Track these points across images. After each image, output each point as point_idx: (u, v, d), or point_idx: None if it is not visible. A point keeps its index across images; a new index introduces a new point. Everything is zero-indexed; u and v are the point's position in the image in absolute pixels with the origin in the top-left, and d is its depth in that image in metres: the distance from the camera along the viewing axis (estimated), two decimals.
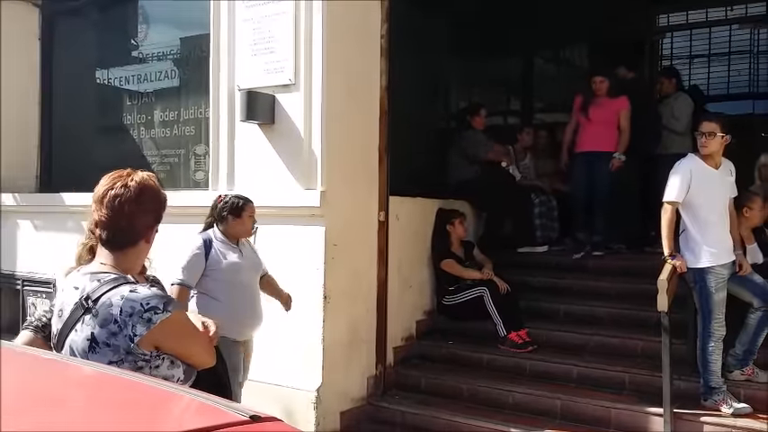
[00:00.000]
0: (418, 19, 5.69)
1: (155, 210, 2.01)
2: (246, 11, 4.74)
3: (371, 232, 4.87)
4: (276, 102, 4.61)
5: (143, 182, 1.99)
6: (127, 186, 1.96)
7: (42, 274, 6.04)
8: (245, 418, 1.06)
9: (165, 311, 1.86)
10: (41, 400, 1.30)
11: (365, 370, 4.89)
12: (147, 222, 1.99)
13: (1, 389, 1.34)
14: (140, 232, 1.99)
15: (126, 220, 1.95)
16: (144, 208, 1.97)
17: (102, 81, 6.58)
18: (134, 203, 1.95)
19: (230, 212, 3.89)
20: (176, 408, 1.24)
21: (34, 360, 1.67)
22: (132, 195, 1.95)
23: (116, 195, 1.94)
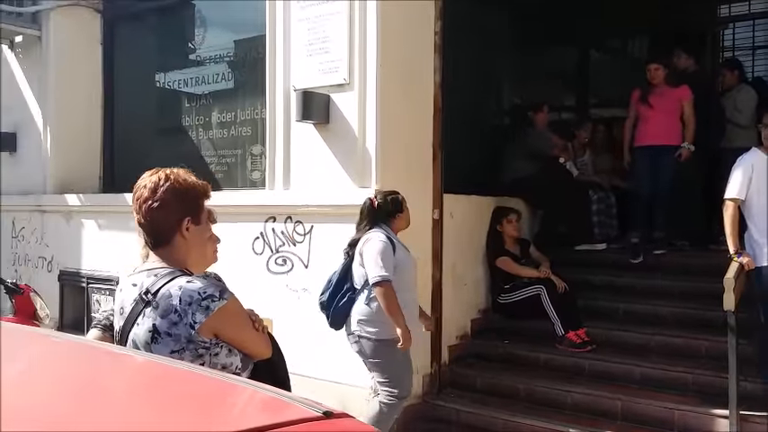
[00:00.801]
0: (472, 14, 5.63)
1: (178, 205, 2.02)
2: (301, 11, 4.79)
3: (426, 230, 4.85)
4: (331, 101, 4.64)
5: (160, 180, 2.02)
6: (146, 187, 2.01)
7: (106, 271, 6.24)
8: (318, 414, 1.06)
9: (222, 299, 1.92)
10: (123, 394, 1.33)
11: (420, 368, 4.87)
12: (171, 218, 2.02)
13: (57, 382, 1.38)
14: (169, 229, 2.02)
15: (151, 220, 2.01)
16: (164, 205, 2.00)
17: (161, 84, 6.75)
18: (153, 203, 1.99)
19: (396, 208, 3.95)
20: (248, 402, 1.26)
21: (107, 355, 1.72)
22: (149, 195, 2.00)
23: (138, 197, 2.02)
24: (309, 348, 4.56)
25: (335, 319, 3.94)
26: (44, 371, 1.52)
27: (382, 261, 3.68)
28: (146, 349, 1.92)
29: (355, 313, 3.85)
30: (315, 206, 4.75)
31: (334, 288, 3.92)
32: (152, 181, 2.02)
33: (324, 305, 3.95)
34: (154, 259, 2.05)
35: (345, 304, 3.87)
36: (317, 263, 4.77)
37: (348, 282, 3.90)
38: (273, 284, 4.89)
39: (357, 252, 3.85)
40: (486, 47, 5.95)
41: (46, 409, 1.17)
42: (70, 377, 1.47)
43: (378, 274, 3.66)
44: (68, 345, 1.88)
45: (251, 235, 5.05)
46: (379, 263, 3.67)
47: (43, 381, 1.42)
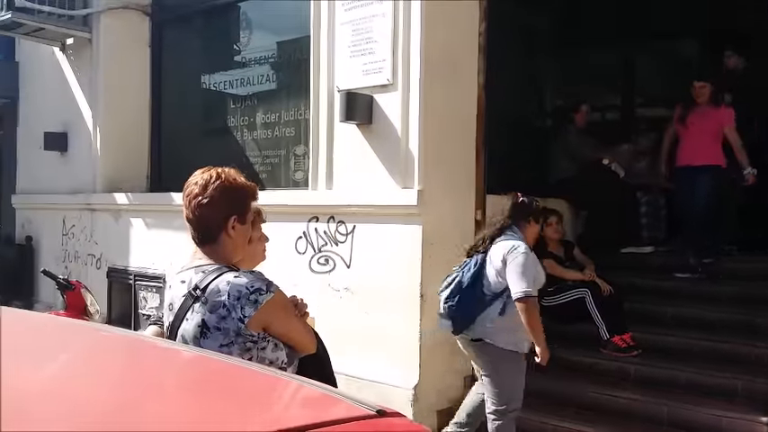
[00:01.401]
0: (517, 15, 5.60)
1: (226, 203, 2.07)
2: (345, 13, 4.82)
3: (468, 231, 4.82)
4: (374, 102, 4.66)
5: (211, 178, 2.07)
6: (197, 184, 2.07)
7: (152, 269, 6.38)
8: (372, 412, 1.07)
9: (269, 292, 1.97)
10: (177, 389, 1.35)
11: (462, 370, 4.85)
12: (218, 216, 2.06)
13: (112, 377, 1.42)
14: (215, 226, 2.07)
15: (200, 217, 2.06)
16: (212, 202, 2.04)
17: (207, 85, 6.87)
18: (202, 199, 2.05)
19: (534, 216, 3.95)
20: (302, 398, 1.27)
21: (166, 352, 1.76)
22: (199, 192, 2.05)
23: (188, 194, 2.07)
24: (351, 347, 4.58)
25: (463, 323, 3.81)
26: (97, 363, 1.56)
27: (527, 275, 3.62)
28: (194, 344, 1.97)
29: (485, 320, 3.75)
30: (357, 206, 4.77)
31: (464, 293, 3.79)
32: (203, 178, 2.07)
33: (451, 309, 3.82)
34: (200, 256, 2.09)
35: (474, 308, 3.77)
36: (359, 263, 4.80)
37: (478, 285, 3.78)
38: (316, 284, 4.94)
39: (497, 258, 3.74)
40: (530, 47, 5.92)
41: (97, 401, 1.20)
42: (120, 370, 1.51)
43: (522, 289, 3.59)
44: (119, 338, 1.93)
45: (294, 234, 5.10)
46: (525, 277, 3.61)
47: (94, 373, 1.46)
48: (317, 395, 1.24)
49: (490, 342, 3.76)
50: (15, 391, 1.17)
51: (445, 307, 3.86)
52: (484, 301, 3.76)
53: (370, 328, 4.67)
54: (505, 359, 3.76)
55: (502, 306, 3.72)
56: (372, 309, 4.71)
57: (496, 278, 3.75)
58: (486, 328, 3.76)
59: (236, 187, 2.10)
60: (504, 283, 3.71)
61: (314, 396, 1.24)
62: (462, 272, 3.87)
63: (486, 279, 3.78)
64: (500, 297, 3.73)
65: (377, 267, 4.69)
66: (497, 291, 3.75)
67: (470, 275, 3.81)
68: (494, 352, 3.76)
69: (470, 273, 3.82)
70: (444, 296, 3.88)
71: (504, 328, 3.73)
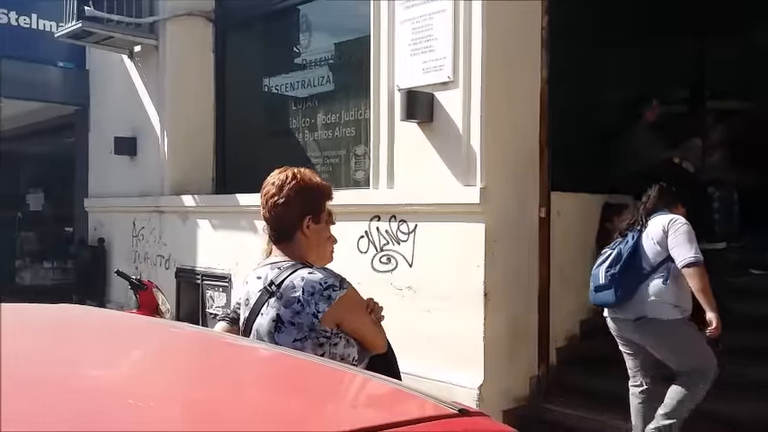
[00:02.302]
0: (581, 6, 5.46)
1: (301, 203, 2.11)
2: (405, 11, 4.81)
3: (532, 229, 4.76)
4: (435, 100, 4.64)
5: (287, 178, 2.11)
6: (273, 184, 2.12)
7: (219, 269, 6.53)
8: (455, 411, 1.06)
9: (342, 288, 2.01)
10: (265, 388, 1.38)
11: (527, 369, 4.80)
12: (293, 215, 2.11)
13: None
14: (291, 225, 2.11)
15: (276, 216, 2.11)
16: (288, 202, 2.09)
17: (269, 88, 6.98)
18: (278, 199, 2.09)
19: (683, 200, 4.04)
20: (384, 396, 1.28)
21: (247, 350, 1.79)
22: (276, 191, 2.10)
23: (265, 194, 2.13)
24: (414, 347, 4.56)
25: (624, 293, 3.86)
26: (184, 361, 1.60)
27: (693, 242, 3.72)
28: (269, 338, 2.02)
29: (646, 293, 3.80)
30: (419, 205, 4.76)
31: (625, 262, 3.85)
32: (279, 178, 2.12)
33: (614, 277, 3.87)
34: (276, 253, 2.15)
35: (634, 279, 3.84)
36: (421, 261, 4.79)
37: (637, 259, 3.85)
38: (378, 283, 4.94)
39: (657, 230, 3.82)
40: (595, 40, 5.76)
41: (179, 396, 1.23)
42: (204, 368, 1.54)
43: (692, 254, 3.67)
44: (196, 336, 1.98)
45: (356, 234, 5.12)
46: (691, 244, 3.71)
47: (179, 370, 1.49)
48: (398, 393, 1.24)
49: (654, 317, 3.77)
50: (103, 388, 1.21)
51: (607, 276, 3.90)
52: (642, 274, 3.81)
53: (433, 327, 4.65)
54: (677, 326, 3.79)
55: (664, 275, 3.76)
56: (435, 308, 4.69)
57: (656, 249, 3.80)
58: (648, 303, 3.78)
59: (311, 187, 2.14)
60: (664, 254, 3.77)
61: (395, 394, 1.24)
62: (619, 247, 3.94)
63: (644, 253, 3.85)
64: (660, 268, 3.78)
65: (439, 266, 4.66)
66: (657, 262, 3.79)
67: (629, 248, 3.88)
68: (662, 325, 3.78)
69: (629, 246, 3.89)
70: (604, 268, 3.94)
71: (666, 299, 3.76)
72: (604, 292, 3.92)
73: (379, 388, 1.34)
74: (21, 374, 1.23)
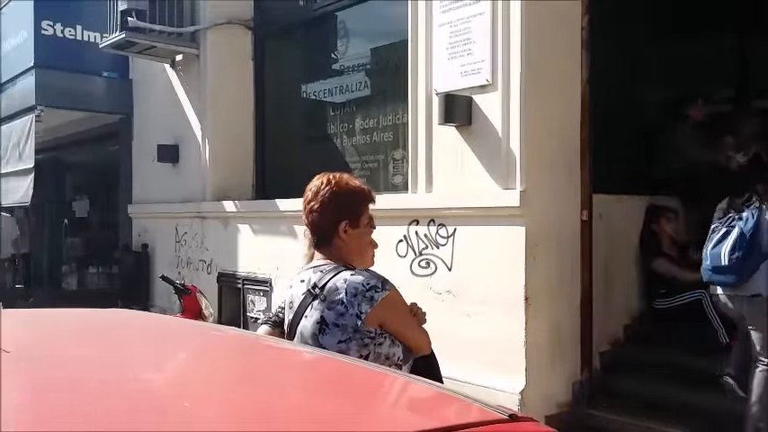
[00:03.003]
0: (621, 5, 5.37)
1: (335, 209, 2.11)
2: (443, 15, 4.80)
3: (574, 232, 4.70)
4: (473, 103, 4.62)
5: (322, 184, 2.13)
6: (311, 190, 2.14)
7: (260, 273, 6.60)
8: (504, 416, 1.05)
9: (384, 290, 2.02)
10: (317, 393, 1.38)
11: (570, 374, 4.73)
12: (329, 220, 2.12)
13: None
14: (328, 230, 2.13)
15: (313, 221, 2.14)
16: (322, 208, 2.10)
17: (307, 94, 7.04)
18: (314, 205, 2.11)
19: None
20: (433, 401, 1.28)
21: (293, 353, 1.81)
22: (312, 197, 2.12)
23: (304, 199, 2.15)
24: (454, 351, 4.53)
25: (747, 275, 3.85)
26: (239, 364, 1.63)
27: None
28: (313, 340, 2.03)
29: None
30: (458, 208, 4.75)
31: (750, 243, 3.83)
32: (316, 184, 2.15)
33: (738, 260, 3.86)
34: (319, 257, 2.17)
35: (758, 259, 3.82)
36: (460, 265, 4.76)
37: (759, 237, 3.83)
38: (417, 287, 4.93)
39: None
40: (637, 38, 5.65)
41: (233, 399, 1.24)
42: (250, 369, 1.56)
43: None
44: (245, 339, 2.00)
45: (394, 238, 5.12)
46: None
47: (233, 373, 1.51)
48: (447, 397, 1.24)
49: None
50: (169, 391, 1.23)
51: (732, 259, 3.87)
52: (763, 253, 3.79)
53: (473, 332, 4.62)
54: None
55: None
56: (475, 312, 4.66)
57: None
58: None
59: (347, 192, 2.15)
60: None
61: (444, 398, 1.24)
62: (739, 226, 3.89)
63: (765, 231, 3.80)
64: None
65: (479, 270, 4.64)
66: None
67: (751, 228, 3.83)
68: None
69: (750, 225, 3.84)
70: (727, 249, 3.89)
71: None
72: (726, 275, 3.91)
73: (427, 392, 1.34)
74: (81, 378, 1.26)
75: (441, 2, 4.82)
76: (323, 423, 1.08)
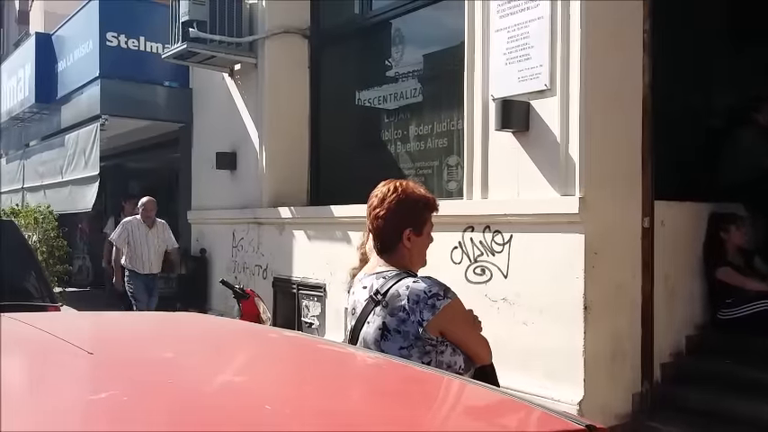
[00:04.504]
0: (685, 7, 5.24)
1: (401, 216, 2.12)
2: (500, 20, 4.78)
3: (635, 239, 4.59)
4: (531, 108, 4.57)
5: (389, 191, 2.14)
6: (376, 197, 2.15)
7: (314, 278, 6.66)
8: (582, 426, 1.04)
9: (446, 298, 2.03)
10: (387, 397, 1.38)
11: (630, 386, 4.62)
12: (396, 227, 2.12)
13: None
14: (392, 237, 2.13)
15: (378, 227, 2.14)
16: (388, 215, 2.11)
17: (361, 101, 7.10)
18: (380, 211, 2.12)
19: None
20: (510, 410, 1.26)
21: (359, 358, 1.82)
22: (377, 204, 2.13)
23: (370, 205, 2.16)
24: (510, 360, 4.49)
25: None
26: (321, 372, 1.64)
27: None
28: (375, 346, 2.04)
29: None
30: (514, 215, 4.70)
31: None
32: (382, 191, 2.16)
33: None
34: (381, 263, 2.17)
35: None
36: (516, 273, 4.71)
37: None
38: (472, 294, 4.88)
39: None
40: (701, 42, 5.51)
41: (310, 403, 1.25)
42: (321, 373, 1.57)
43: None
44: (313, 344, 2.02)
45: (449, 244, 5.10)
46: None
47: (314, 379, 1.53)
48: (524, 408, 1.22)
49: None
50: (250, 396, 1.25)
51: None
52: None
53: (530, 340, 4.56)
54: None
55: None
56: (532, 320, 4.60)
57: None
58: None
59: (413, 200, 2.16)
60: None
61: (520, 408, 1.23)
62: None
63: None
64: None
65: (536, 278, 4.58)
66: None
67: None
68: None
69: None
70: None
71: None
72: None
73: (490, 396, 1.33)
74: (161, 380, 1.30)
75: (499, 6, 4.80)
76: (402, 426, 1.08)
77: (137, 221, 7.52)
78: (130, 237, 7.41)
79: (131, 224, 7.51)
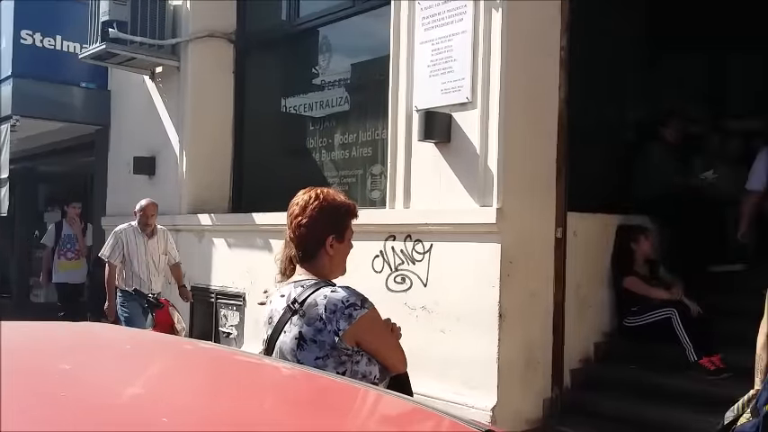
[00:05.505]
0: (600, 26, 5.47)
1: (324, 223, 2.13)
2: (425, 33, 4.88)
3: (548, 249, 4.76)
4: (453, 120, 4.68)
5: (310, 198, 2.14)
6: (297, 204, 2.14)
7: (233, 287, 6.55)
8: (481, 431, 1.06)
9: (363, 308, 2.02)
10: (294, 406, 1.38)
11: (541, 392, 4.76)
12: (318, 234, 2.13)
13: None
14: (315, 245, 2.13)
15: (300, 235, 2.13)
16: (311, 222, 2.11)
17: (287, 108, 7.07)
18: (302, 219, 2.12)
19: None
20: (412, 417, 1.28)
21: (268, 367, 1.80)
22: (299, 212, 2.12)
23: (290, 213, 2.15)
24: (427, 367, 4.56)
25: None
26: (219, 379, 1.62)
27: None
28: (291, 356, 2.03)
29: None
30: (434, 225, 4.79)
31: None
32: (303, 199, 2.16)
33: None
34: (301, 272, 2.17)
35: None
36: (436, 281, 4.79)
37: None
38: (392, 303, 4.93)
39: None
40: (618, 54, 5.75)
41: (209, 414, 1.24)
42: (224, 384, 1.56)
43: None
44: (219, 353, 1.99)
45: (371, 253, 5.14)
46: None
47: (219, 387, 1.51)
48: (425, 413, 1.25)
49: None
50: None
51: None
52: None
53: (447, 348, 4.65)
54: None
55: None
56: (449, 328, 4.69)
57: None
58: None
59: (334, 206, 2.16)
60: None
61: (422, 413, 1.25)
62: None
63: None
64: None
65: (454, 286, 4.67)
66: None
67: None
68: None
69: None
70: None
71: None
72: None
73: (400, 406, 1.35)
74: (53, 392, 1.24)
75: (424, 19, 4.90)
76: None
77: (132, 230, 6.05)
78: (126, 250, 5.98)
79: (126, 234, 6.03)
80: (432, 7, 4.84)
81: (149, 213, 6.03)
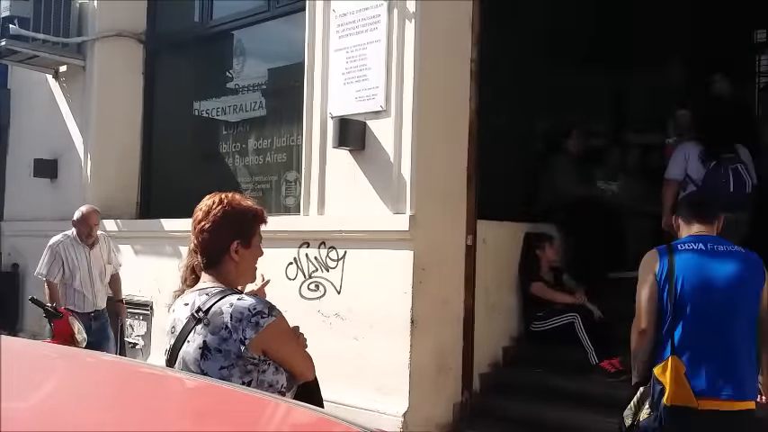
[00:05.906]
0: (509, 40, 5.63)
1: (228, 229, 2.09)
2: (340, 41, 4.90)
3: (459, 256, 4.86)
4: (367, 128, 4.71)
5: (214, 203, 2.11)
6: (201, 210, 2.11)
7: (140, 296, 6.32)
8: None
9: (271, 316, 1.99)
10: (184, 418, 1.35)
11: (452, 396, 4.84)
12: (222, 240, 2.09)
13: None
14: (219, 251, 2.09)
15: (204, 241, 2.10)
16: (214, 228, 2.07)
17: (199, 112, 6.92)
18: (205, 224, 2.08)
19: None
20: (311, 426, 1.27)
21: (169, 379, 1.74)
22: (202, 217, 2.09)
23: (194, 219, 2.12)
24: (340, 374, 4.55)
25: None
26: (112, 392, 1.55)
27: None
28: (195, 366, 1.98)
29: None
30: (348, 231, 4.79)
31: None
32: (207, 204, 2.12)
33: None
34: (206, 279, 2.12)
35: None
36: (349, 288, 4.80)
37: None
38: (305, 310, 4.91)
39: None
40: (524, 70, 5.93)
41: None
42: (119, 398, 1.50)
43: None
44: (116, 365, 1.91)
45: (284, 260, 5.09)
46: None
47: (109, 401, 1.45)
48: (324, 421, 1.24)
49: None
50: None
51: None
52: None
53: (360, 355, 4.66)
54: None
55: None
56: (362, 335, 4.70)
57: None
58: None
59: (239, 212, 2.12)
60: None
61: (321, 422, 1.25)
62: None
63: None
64: None
65: (367, 293, 4.69)
66: None
67: None
68: None
69: None
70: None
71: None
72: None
73: (305, 417, 1.35)
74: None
75: (338, 26, 4.91)
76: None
77: (70, 241, 5.24)
78: (65, 265, 5.17)
79: (64, 247, 5.21)
80: (346, 15, 4.86)
81: (92, 223, 5.27)
